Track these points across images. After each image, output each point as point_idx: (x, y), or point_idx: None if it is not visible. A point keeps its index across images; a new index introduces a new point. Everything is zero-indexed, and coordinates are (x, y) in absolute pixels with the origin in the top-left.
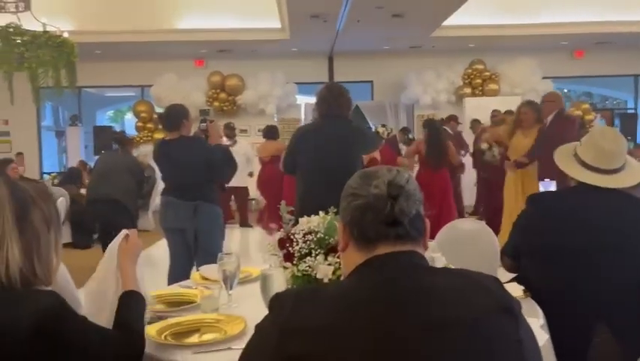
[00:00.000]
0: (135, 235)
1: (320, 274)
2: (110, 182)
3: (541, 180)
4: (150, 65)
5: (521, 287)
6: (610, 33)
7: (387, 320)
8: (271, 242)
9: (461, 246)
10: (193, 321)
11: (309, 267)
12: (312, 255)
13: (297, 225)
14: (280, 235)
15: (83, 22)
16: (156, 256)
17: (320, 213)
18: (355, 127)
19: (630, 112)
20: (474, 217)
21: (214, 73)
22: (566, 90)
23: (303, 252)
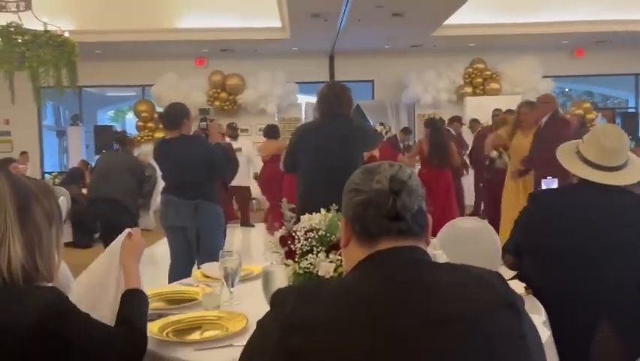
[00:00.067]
0: (138, 233)
1: (322, 272)
2: (111, 181)
3: (538, 180)
4: (151, 65)
5: (523, 285)
6: (610, 32)
7: (389, 316)
8: (272, 240)
9: (462, 244)
10: (194, 318)
11: (310, 264)
12: (314, 252)
13: (298, 223)
14: (282, 232)
15: (83, 21)
16: (157, 254)
17: (321, 212)
18: (356, 126)
19: (631, 111)
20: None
21: (215, 72)
22: (567, 89)
23: (304, 249)
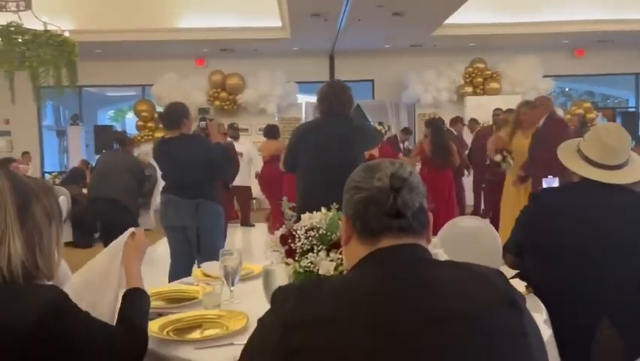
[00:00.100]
0: (142, 233)
1: (322, 270)
2: (111, 181)
3: (538, 180)
4: (151, 65)
5: (523, 283)
6: (611, 31)
7: (390, 314)
8: (273, 238)
9: (463, 243)
10: (195, 317)
11: (311, 263)
12: (314, 251)
13: (298, 221)
14: (282, 231)
15: (83, 21)
16: (157, 254)
17: (322, 210)
18: (356, 125)
19: (631, 110)
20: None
21: (215, 72)
22: (568, 89)
23: (305, 248)
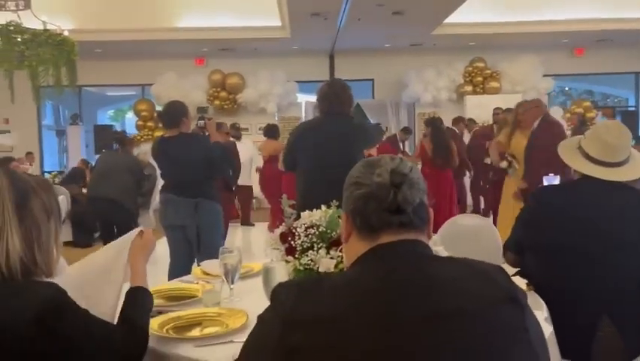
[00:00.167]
0: (150, 233)
1: (322, 268)
2: (110, 181)
3: (538, 180)
4: (151, 64)
5: (524, 281)
6: (610, 31)
7: (390, 312)
8: (273, 237)
9: (463, 242)
10: (195, 315)
11: (311, 261)
12: (314, 249)
13: (298, 219)
14: (282, 229)
15: (83, 20)
16: (157, 253)
17: (322, 208)
18: (356, 124)
19: (631, 109)
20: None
21: (214, 71)
22: (567, 88)
23: (305, 246)
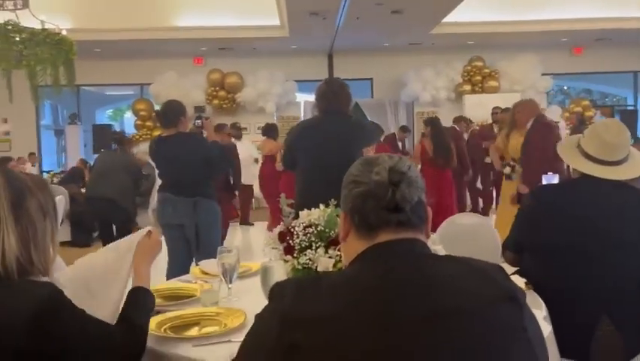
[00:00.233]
0: (157, 234)
1: (321, 267)
2: (108, 181)
3: (537, 180)
4: (149, 63)
5: (523, 280)
6: (609, 29)
7: (388, 311)
8: (271, 236)
9: (462, 241)
10: (193, 314)
11: (309, 260)
12: (313, 248)
13: (297, 218)
14: (280, 228)
15: (81, 20)
16: None
17: (320, 207)
18: (355, 123)
19: (630, 108)
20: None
21: (213, 71)
22: (566, 87)
23: (303, 245)
